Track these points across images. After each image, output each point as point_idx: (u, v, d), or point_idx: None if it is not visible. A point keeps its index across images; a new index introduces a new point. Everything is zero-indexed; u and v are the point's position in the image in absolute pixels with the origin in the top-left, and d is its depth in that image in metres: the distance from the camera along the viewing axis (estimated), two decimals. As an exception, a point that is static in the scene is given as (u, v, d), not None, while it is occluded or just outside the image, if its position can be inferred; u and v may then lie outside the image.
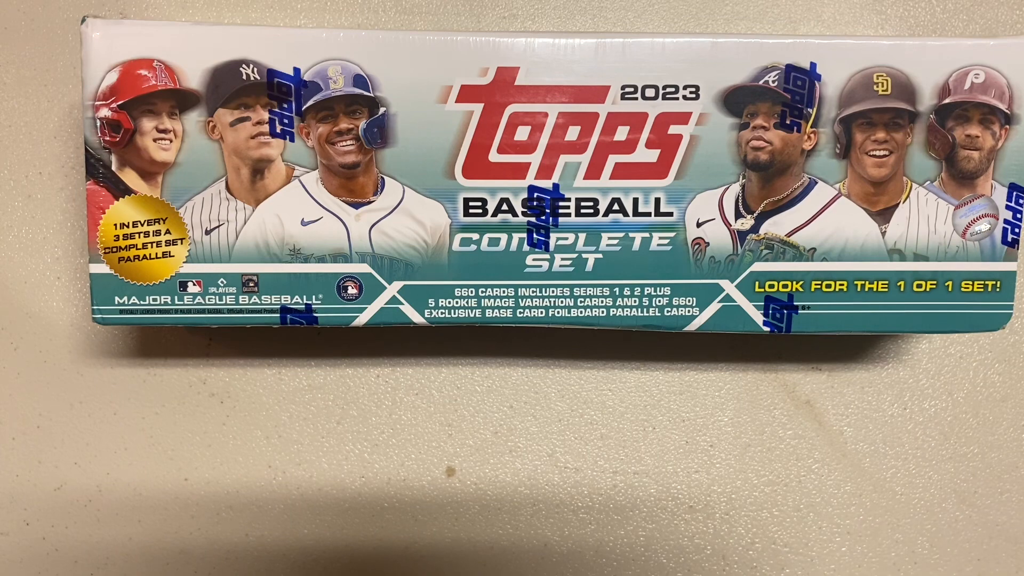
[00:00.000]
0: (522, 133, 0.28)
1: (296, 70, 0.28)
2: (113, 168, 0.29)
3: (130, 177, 0.29)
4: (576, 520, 0.37)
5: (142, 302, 0.29)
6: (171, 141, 0.29)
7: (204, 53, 0.28)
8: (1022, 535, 0.37)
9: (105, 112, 0.28)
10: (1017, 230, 0.30)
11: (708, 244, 0.30)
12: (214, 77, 0.28)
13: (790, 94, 0.29)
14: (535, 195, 0.29)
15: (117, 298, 0.29)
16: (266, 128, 0.29)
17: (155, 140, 0.29)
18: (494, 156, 0.29)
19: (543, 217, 0.29)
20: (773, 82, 0.29)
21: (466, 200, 0.29)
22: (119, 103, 0.28)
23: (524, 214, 0.29)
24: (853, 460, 0.37)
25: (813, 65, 0.29)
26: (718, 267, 0.30)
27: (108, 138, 0.29)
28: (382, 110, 0.28)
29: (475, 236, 0.29)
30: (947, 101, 0.30)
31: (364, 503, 0.37)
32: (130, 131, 0.29)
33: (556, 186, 0.29)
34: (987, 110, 0.30)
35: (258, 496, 0.37)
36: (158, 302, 0.29)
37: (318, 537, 0.37)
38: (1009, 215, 0.30)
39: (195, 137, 0.29)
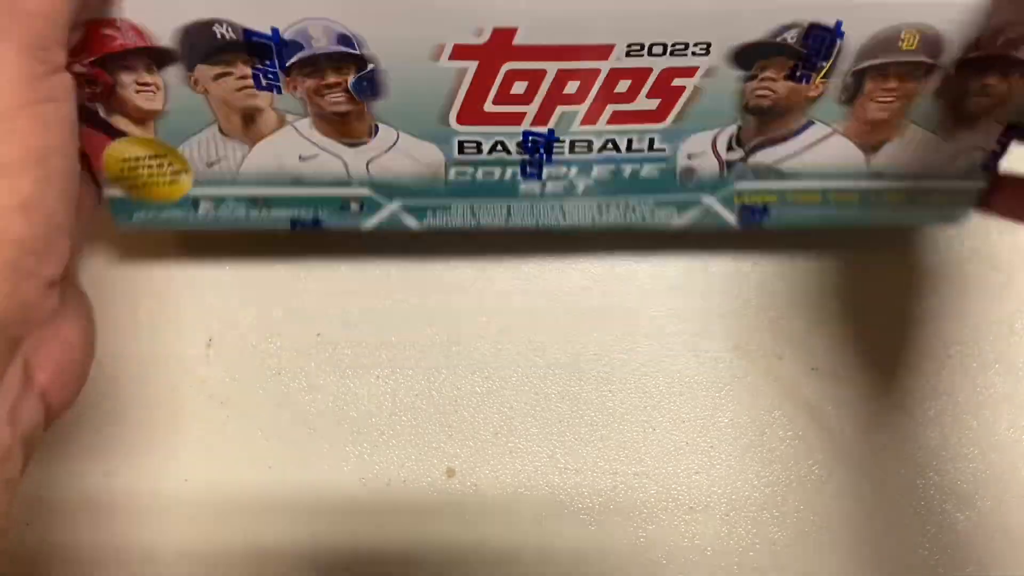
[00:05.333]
0: (519, 88, 0.27)
1: (274, 30, 0.26)
2: (102, 115, 0.28)
3: (121, 123, 0.28)
4: (576, 521, 0.37)
5: (160, 214, 0.30)
6: (154, 93, 0.28)
7: (171, 12, 0.26)
8: (1022, 535, 0.37)
9: (79, 68, 0.27)
10: (997, 161, 0.30)
11: (696, 172, 0.30)
12: (187, 36, 0.27)
13: (808, 49, 0.28)
14: (530, 138, 0.28)
15: (135, 214, 0.30)
16: (250, 83, 0.28)
17: (137, 92, 0.28)
18: (489, 107, 0.28)
19: (537, 155, 0.29)
20: (791, 39, 0.27)
21: (460, 143, 0.29)
22: (91, 60, 0.27)
23: (518, 153, 0.29)
24: (853, 461, 0.37)
25: (839, 23, 0.27)
26: (703, 186, 0.30)
27: (89, 91, 0.28)
28: (370, 66, 0.27)
29: (470, 169, 0.29)
30: (972, 56, 0.28)
31: (364, 503, 0.37)
32: (110, 84, 0.28)
33: (551, 131, 0.28)
34: (1011, 63, 0.28)
35: (258, 496, 0.37)
36: (174, 217, 0.30)
37: (318, 537, 0.37)
38: (997, 148, 0.30)
39: (178, 88, 0.28)
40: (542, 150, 0.29)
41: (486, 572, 0.37)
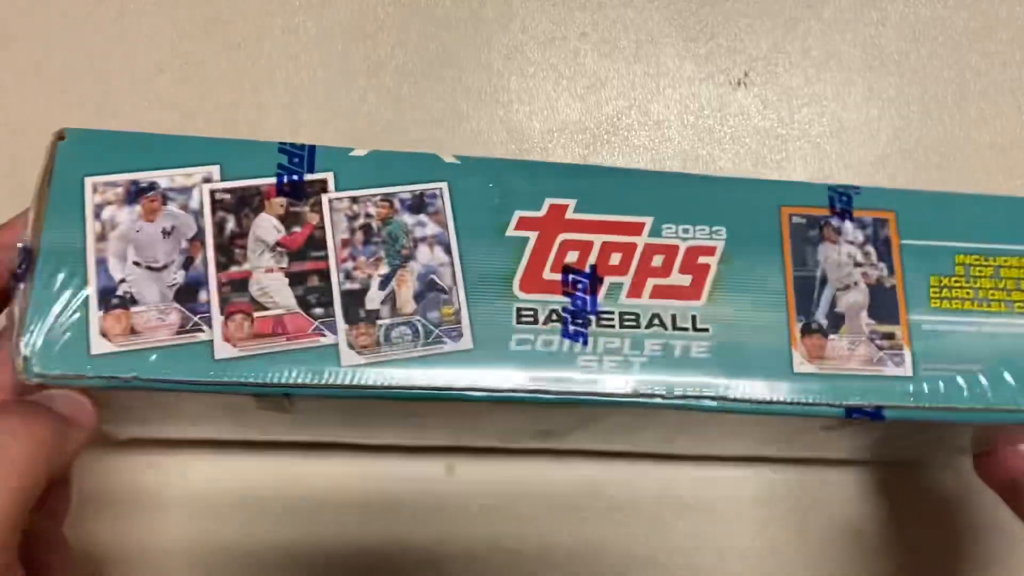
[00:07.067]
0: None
1: None
2: None
3: None
4: (576, 518, 0.37)
5: None
6: None
7: None
8: (1022, 534, 0.37)
9: None
10: None
11: None
12: None
13: None
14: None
15: None
16: None
17: None
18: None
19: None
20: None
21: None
22: None
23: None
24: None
25: None
26: None
27: None
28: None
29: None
30: None
31: (364, 503, 0.37)
32: None
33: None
34: None
35: (257, 495, 0.37)
36: None
37: (318, 536, 0.37)
38: None
39: None
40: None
41: (486, 571, 0.37)
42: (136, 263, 0.27)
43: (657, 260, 0.29)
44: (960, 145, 0.38)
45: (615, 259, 0.29)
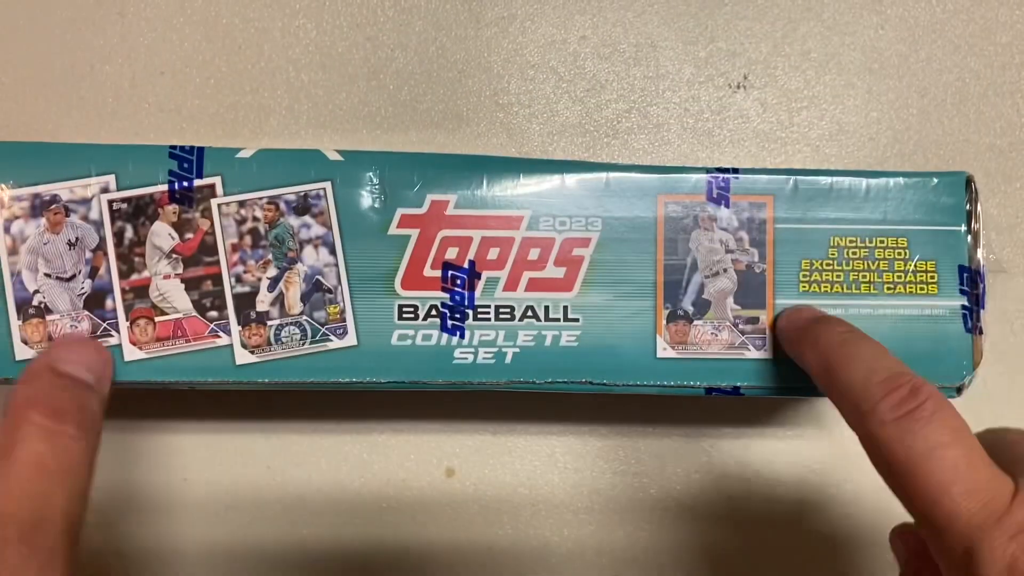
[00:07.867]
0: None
1: None
2: None
3: None
4: (576, 520, 0.37)
5: None
6: None
7: None
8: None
9: None
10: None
11: None
12: None
13: None
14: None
15: None
16: None
17: None
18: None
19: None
20: None
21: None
22: None
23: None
24: (854, 459, 0.37)
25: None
26: None
27: None
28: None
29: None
30: None
31: (364, 503, 0.37)
32: None
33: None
34: None
35: (258, 496, 0.37)
36: None
37: (318, 537, 0.37)
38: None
39: None
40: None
41: (485, 571, 0.37)
42: (47, 274, 0.29)
43: (533, 254, 0.30)
44: (959, 148, 0.38)
45: (493, 254, 0.30)
